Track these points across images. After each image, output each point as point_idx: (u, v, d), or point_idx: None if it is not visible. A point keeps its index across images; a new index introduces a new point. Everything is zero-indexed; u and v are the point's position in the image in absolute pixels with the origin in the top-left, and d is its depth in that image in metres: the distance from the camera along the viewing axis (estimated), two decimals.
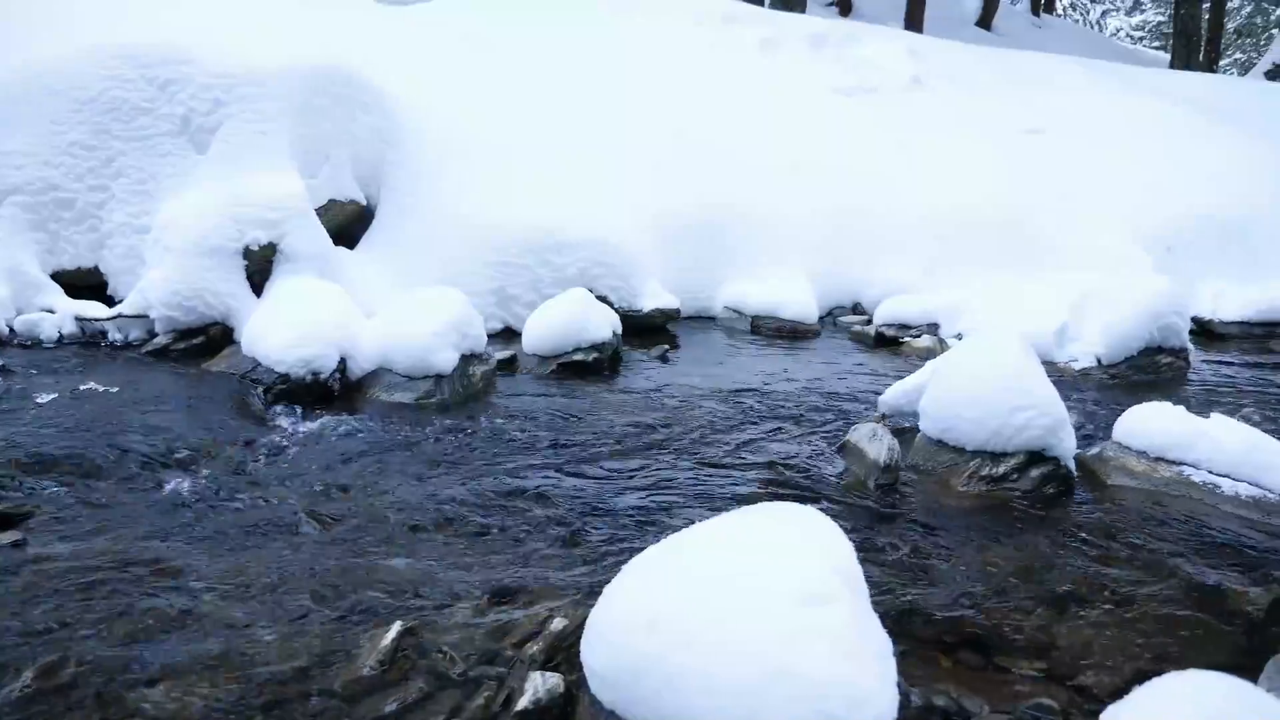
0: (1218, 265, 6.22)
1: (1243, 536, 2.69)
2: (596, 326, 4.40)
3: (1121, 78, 9.88)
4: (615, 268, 5.11)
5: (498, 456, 3.12)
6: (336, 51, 5.46)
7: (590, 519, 2.62)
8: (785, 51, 7.70)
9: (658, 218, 5.71)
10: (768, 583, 1.53)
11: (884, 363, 4.70)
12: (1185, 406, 3.39)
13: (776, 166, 6.27)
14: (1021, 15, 27.13)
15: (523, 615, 2.07)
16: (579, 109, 6.41)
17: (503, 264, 5.01)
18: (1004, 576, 2.40)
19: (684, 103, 6.68)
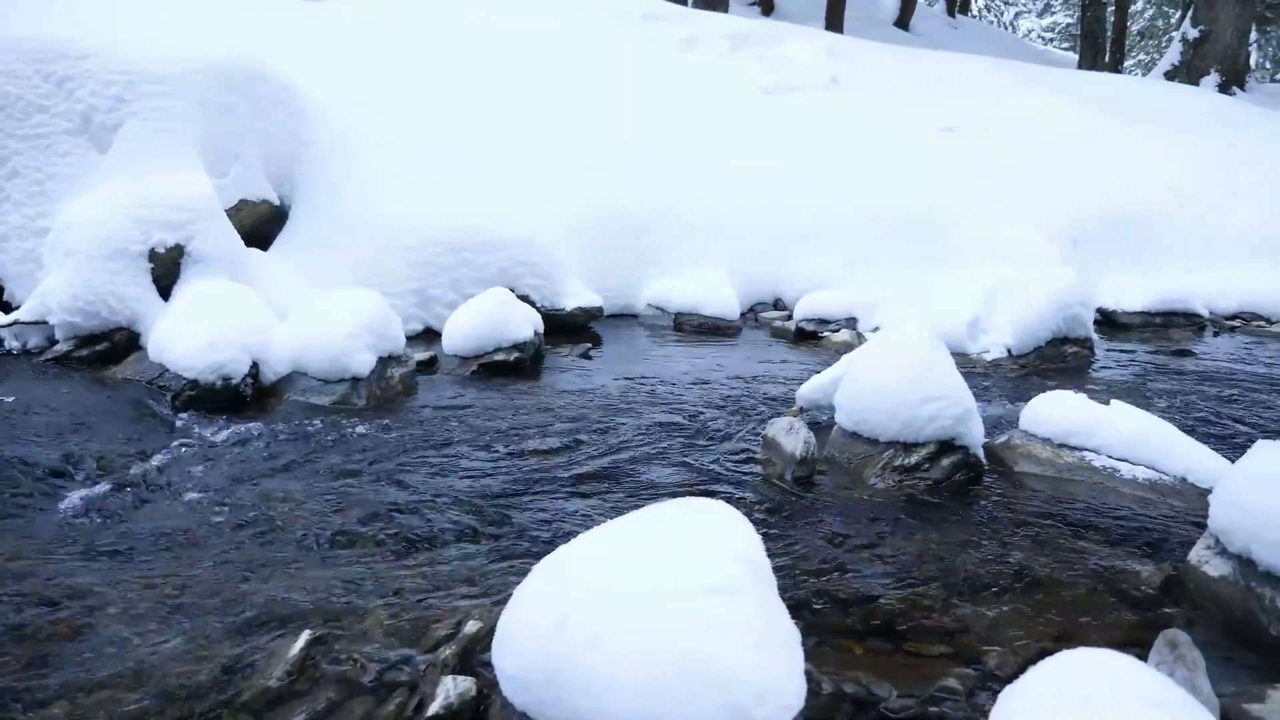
0: (1121, 257, 6.46)
1: (1139, 518, 2.81)
2: (518, 326, 4.38)
3: (1032, 77, 10.19)
4: (537, 267, 5.09)
5: (414, 459, 3.08)
6: (246, 47, 5.32)
7: (508, 520, 2.61)
8: (706, 50, 7.76)
9: (580, 216, 5.70)
10: (675, 577, 1.54)
11: (804, 357, 4.77)
12: (1089, 394, 3.52)
13: (698, 165, 6.31)
14: (938, 16, 27.83)
15: (436, 619, 2.05)
16: (498, 106, 6.36)
17: (422, 264, 4.95)
18: (914, 563, 2.46)
19: (605, 101, 6.68)
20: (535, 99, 6.60)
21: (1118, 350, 5.29)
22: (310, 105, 5.54)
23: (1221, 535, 2.30)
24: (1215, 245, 6.98)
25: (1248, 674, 1.98)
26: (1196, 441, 3.09)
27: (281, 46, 5.87)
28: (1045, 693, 1.40)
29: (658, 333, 5.29)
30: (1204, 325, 5.99)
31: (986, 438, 3.42)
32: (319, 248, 5.01)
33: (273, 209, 5.13)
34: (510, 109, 6.41)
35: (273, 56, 5.45)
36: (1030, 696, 1.41)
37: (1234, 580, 2.25)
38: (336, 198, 5.23)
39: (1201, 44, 14.64)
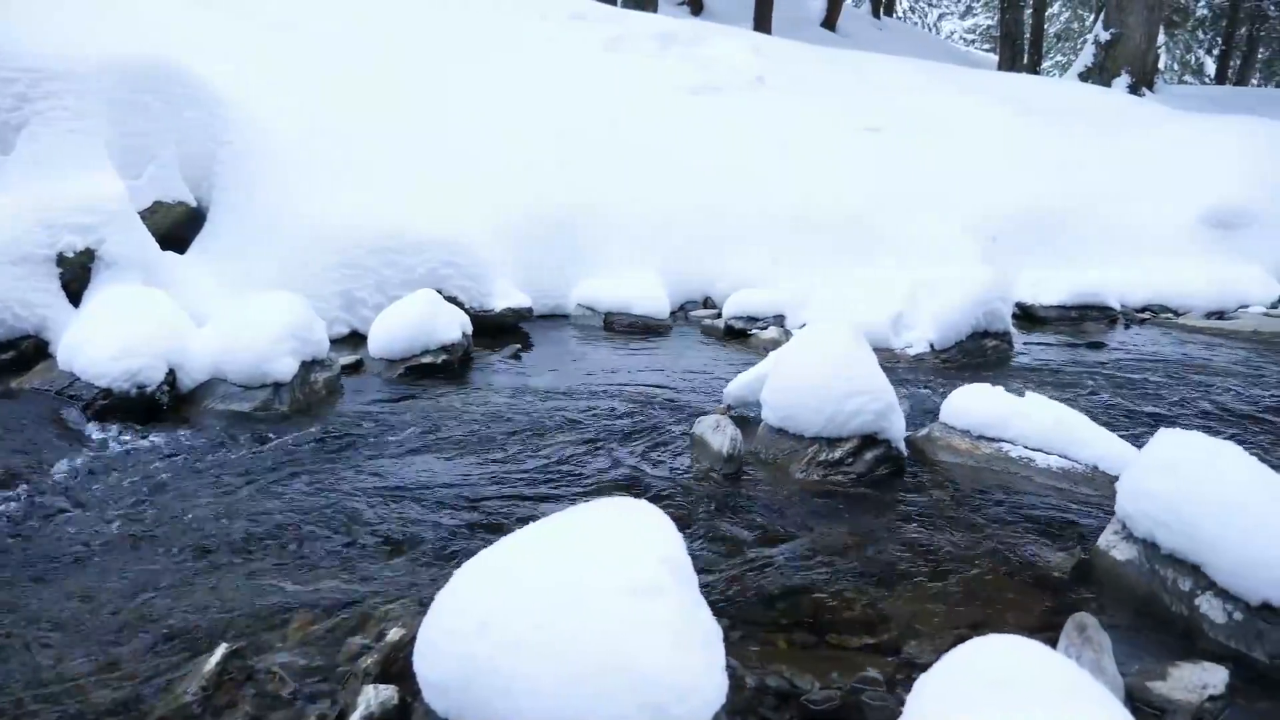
0: (1038, 254, 6.66)
1: (1053, 506, 2.90)
2: (445, 327, 4.33)
3: (953, 78, 10.44)
4: (465, 267, 5.04)
5: (338, 465, 3.03)
6: (160, 44, 5.16)
7: (433, 524, 2.58)
8: (633, 50, 7.77)
9: (509, 216, 5.66)
10: (595, 578, 1.54)
11: (733, 355, 4.81)
12: (1008, 386, 3.62)
13: (626, 164, 6.32)
14: (864, 17, 28.36)
15: (358, 628, 2.02)
16: (424, 105, 6.29)
17: (347, 265, 4.86)
18: (838, 556, 2.50)
19: (532, 101, 6.65)
20: (462, 98, 6.53)
21: (1035, 343, 5.45)
22: (229, 104, 5.40)
23: (1128, 521, 2.39)
24: (1126, 241, 7.23)
25: (1152, 653, 2.06)
26: (1107, 431, 3.20)
27: (199, 43, 5.71)
28: (957, 679, 1.44)
29: (588, 333, 5.28)
30: (1116, 318, 6.21)
31: (909, 431, 3.50)
32: (239, 250, 4.88)
33: (189, 211, 4.99)
34: (436, 108, 6.34)
35: (189, 54, 5.30)
36: (943, 683, 1.45)
37: (1139, 564, 2.34)
38: (257, 199, 5.10)
39: (1113, 46, 15.16)
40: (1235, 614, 2.08)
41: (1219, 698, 1.83)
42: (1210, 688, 1.83)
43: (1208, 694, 1.82)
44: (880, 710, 1.79)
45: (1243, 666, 2.01)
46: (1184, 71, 38.41)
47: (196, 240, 4.98)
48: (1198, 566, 2.18)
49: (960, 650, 1.50)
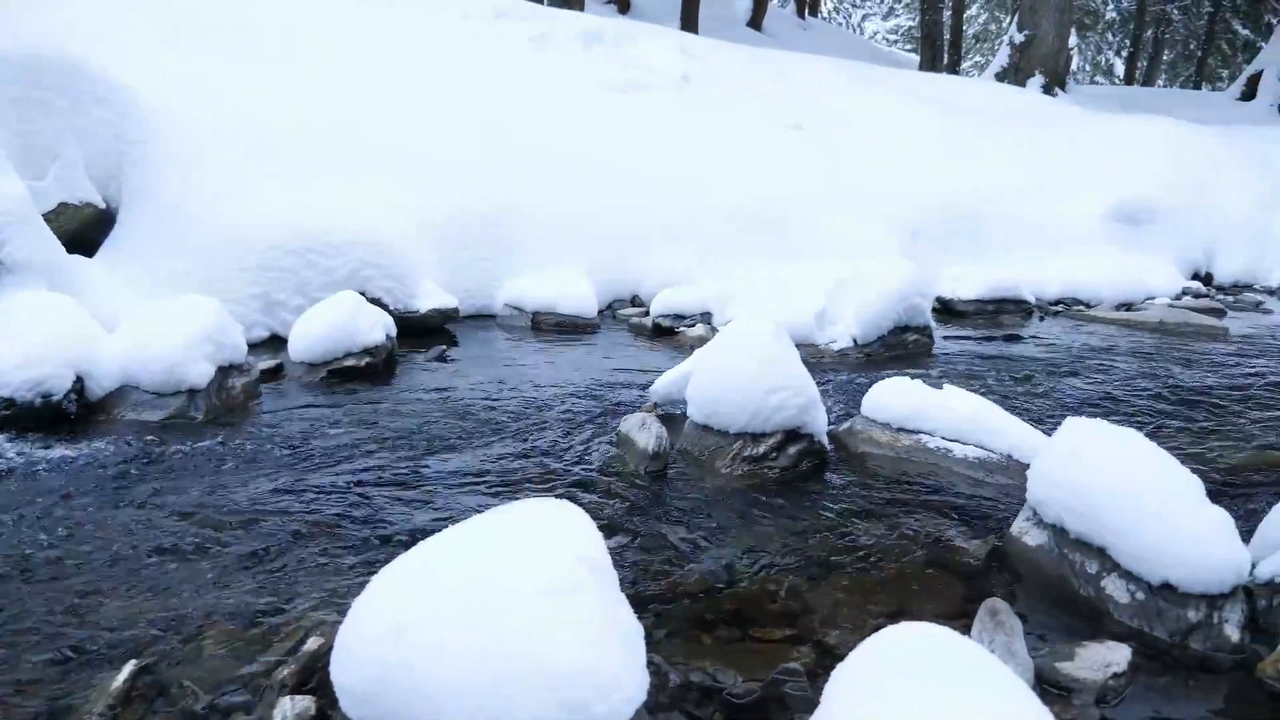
0: (957, 249, 6.83)
1: (969, 494, 2.98)
2: (368, 330, 4.26)
3: (874, 78, 10.65)
4: (388, 268, 4.96)
5: (255, 472, 2.95)
6: (60, 39, 4.96)
7: (355, 531, 2.53)
8: (558, 49, 7.74)
9: (433, 216, 5.59)
10: (513, 579, 1.53)
11: (660, 353, 4.83)
12: (928, 379, 3.70)
13: (553, 163, 6.29)
14: (789, 17, 28.72)
15: (276, 638, 1.98)
16: (345, 104, 6.17)
17: (265, 267, 4.74)
18: (762, 550, 2.53)
19: (457, 99, 6.57)
20: (384, 97, 6.43)
21: (955, 336, 5.59)
22: (139, 102, 5.22)
23: (1038, 507, 2.47)
24: (1041, 236, 7.47)
25: (1061, 634, 2.13)
26: (1020, 420, 3.30)
27: (107, 40, 5.51)
28: (870, 668, 1.46)
29: (515, 333, 5.24)
30: (1031, 311, 6.41)
31: (832, 424, 3.56)
32: (151, 253, 4.73)
33: (98, 212, 4.81)
34: (358, 107, 6.22)
35: (95, 50, 5.11)
36: (856, 672, 1.48)
37: (1049, 548, 2.42)
38: (170, 199, 4.94)
39: (1027, 48, 15.63)
40: (1138, 594, 2.17)
41: (1122, 675, 1.90)
42: (1114, 666, 1.90)
43: (1111, 672, 1.89)
44: (801, 700, 1.81)
45: (1145, 644, 2.09)
46: (1095, 72, 39.83)
47: (106, 243, 4.81)
48: (1103, 549, 2.26)
49: (873, 639, 1.53)
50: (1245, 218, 8.77)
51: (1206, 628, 2.08)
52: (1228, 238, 8.51)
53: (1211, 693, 1.95)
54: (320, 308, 4.30)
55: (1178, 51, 36.59)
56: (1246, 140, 10.55)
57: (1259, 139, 10.93)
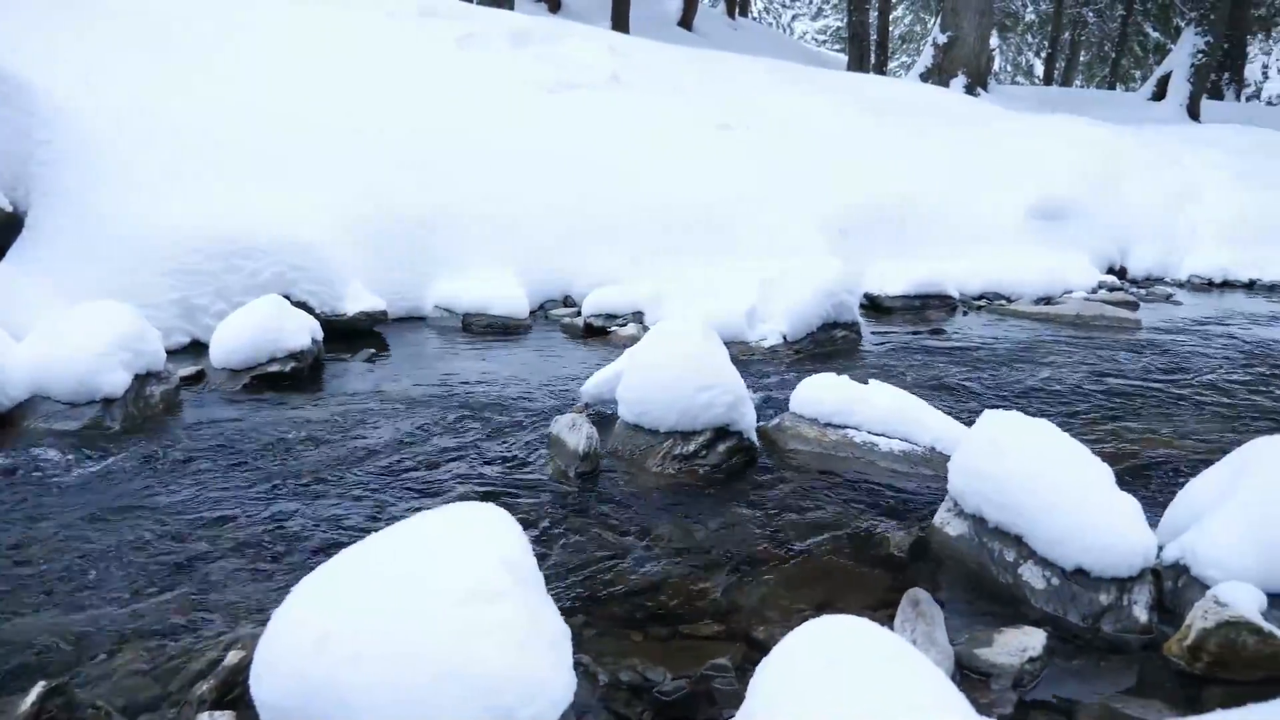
0: (884, 246, 6.97)
1: (894, 487, 3.04)
2: (293, 334, 4.17)
3: (802, 77, 10.79)
4: (313, 271, 4.86)
5: (174, 483, 2.87)
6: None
7: (278, 540, 2.48)
8: (486, 48, 7.67)
9: (360, 217, 5.50)
10: (436, 586, 1.52)
11: (592, 353, 4.83)
12: (856, 374, 3.76)
13: (482, 163, 6.24)
14: (719, 17, 28.95)
15: (194, 653, 1.93)
16: (267, 103, 6.03)
17: (185, 271, 4.61)
18: (692, 547, 2.55)
19: (382, 99, 6.48)
20: (307, 96, 6.30)
21: (882, 332, 5.70)
22: (47, 101, 5.03)
23: (958, 498, 2.54)
24: (965, 232, 7.66)
25: (982, 621, 2.19)
26: (943, 413, 3.38)
27: (9, 34, 5.30)
28: (793, 662, 1.49)
29: (446, 334, 5.19)
30: (956, 306, 6.57)
31: (761, 421, 3.61)
32: (63, 258, 4.56)
33: (4, 215, 4.63)
34: (280, 106, 6.08)
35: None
36: (780, 667, 1.50)
37: (970, 538, 2.48)
38: (83, 202, 4.78)
39: (950, 49, 16.01)
40: (1053, 580, 2.24)
41: (1037, 659, 1.96)
42: (1029, 650, 1.96)
43: (1027, 656, 1.95)
44: (729, 695, 1.83)
45: (1059, 628, 2.16)
46: (1016, 72, 40.99)
47: (14, 248, 4.62)
48: (1020, 538, 2.33)
49: (795, 633, 1.55)
50: (1156, 214, 9.11)
51: (1117, 610, 2.15)
52: (1140, 233, 8.83)
53: (1122, 673, 2.03)
54: (242, 312, 4.20)
55: (1093, 53, 37.87)
56: (1157, 139, 10.97)
57: (1169, 138, 11.37)
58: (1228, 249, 8.74)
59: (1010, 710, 1.84)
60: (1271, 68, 44.10)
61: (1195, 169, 9.96)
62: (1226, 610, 1.96)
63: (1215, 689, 1.94)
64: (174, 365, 3.97)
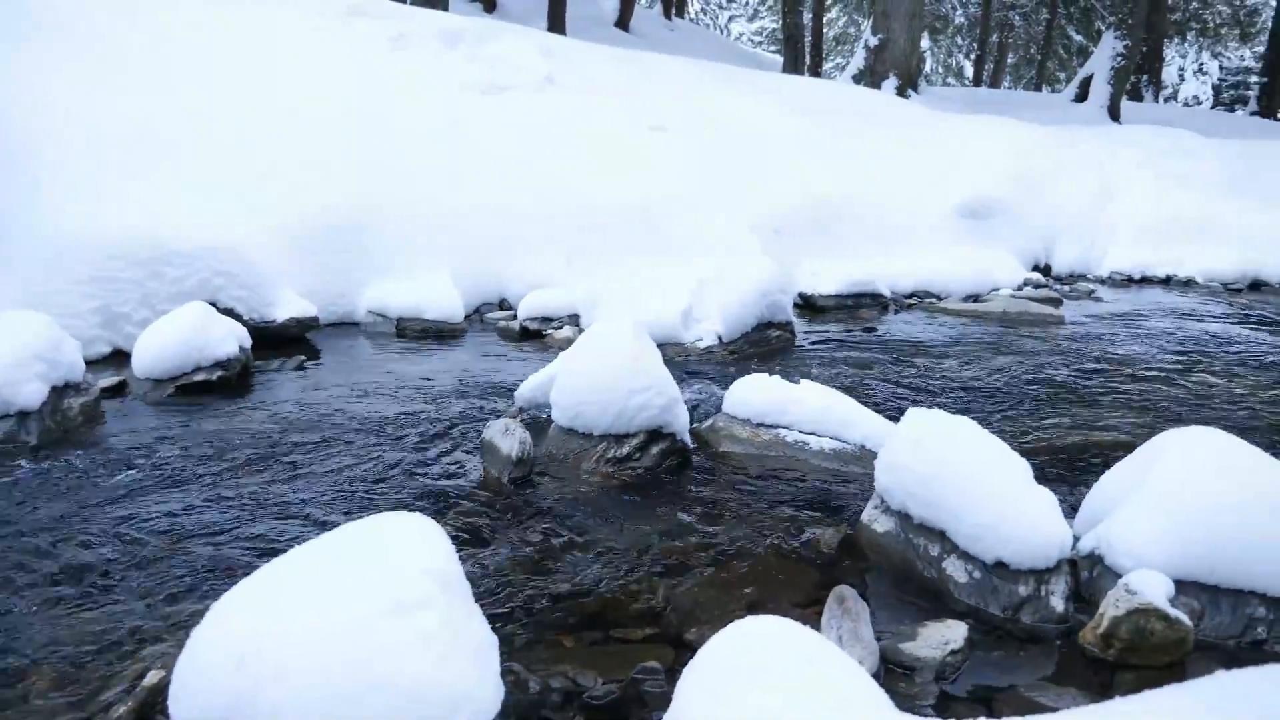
0: (818, 245, 7.06)
1: (826, 485, 3.09)
2: (219, 341, 4.08)
3: (736, 79, 10.87)
4: (240, 276, 4.76)
5: (94, 496, 2.79)
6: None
7: (201, 556, 2.43)
8: (418, 48, 7.59)
9: (289, 221, 5.39)
10: (358, 599, 1.51)
11: (528, 356, 4.81)
12: (791, 373, 3.82)
13: (415, 165, 6.17)
14: (656, 18, 29.03)
15: (111, 674, 1.88)
16: (190, 104, 5.88)
17: (105, 279, 4.47)
18: (625, 551, 2.56)
19: (310, 100, 6.36)
20: (233, 97, 6.16)
21: (816, 331, 5.78)
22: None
23: (884, 495, 2.59)
24: (896, 231, 7.80)
25: (908, 616, 2.23)
26: (872, 411, 3.44)
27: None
28: (717, 663, 1.51)
29: (379, 340, 5.12)
30: (887, 304, 6.69)
31: (696, 422, 3.64)
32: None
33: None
34: (206, 107, 5.94)
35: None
36: (705, 668, 1.52)
37: (896, 534, 2.53)
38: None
39: (881, 51, 16.29)
40: (974, 573, 2.30)
41: (959, 651, 2.02)
42: (951, 643, 2.02)
43: (950, 649, 2.00)
44: (659, 698, 1.85)
45: (981, 620, 2.22)
46: (947, 74, 41.90)
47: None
48: (943, 533, 2.38)
49: (720, 635, 1.57)
50: (1079, 212, 9.39)
51: (1035, 601, 2.22)
52: (1064, 231, 9.10)
53: (1040, 662, 2.09)
54: (166, 320, 4.09)
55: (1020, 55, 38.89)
56: (1080, 140, 11.29)
57: (1091, 139, 11.71)
58: (1146, 247, 9.05)
59: (932, 702, 1.89)
60: (1187, 70, 45.82)
61: (1116, 169, 10.29)
62: (1136, 598, 2.04)
63: (1127, 674, 2.02)
64: (95, 376, 3.86)
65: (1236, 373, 4.93)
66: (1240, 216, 9.48)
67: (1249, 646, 2.12)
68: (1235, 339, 5.91)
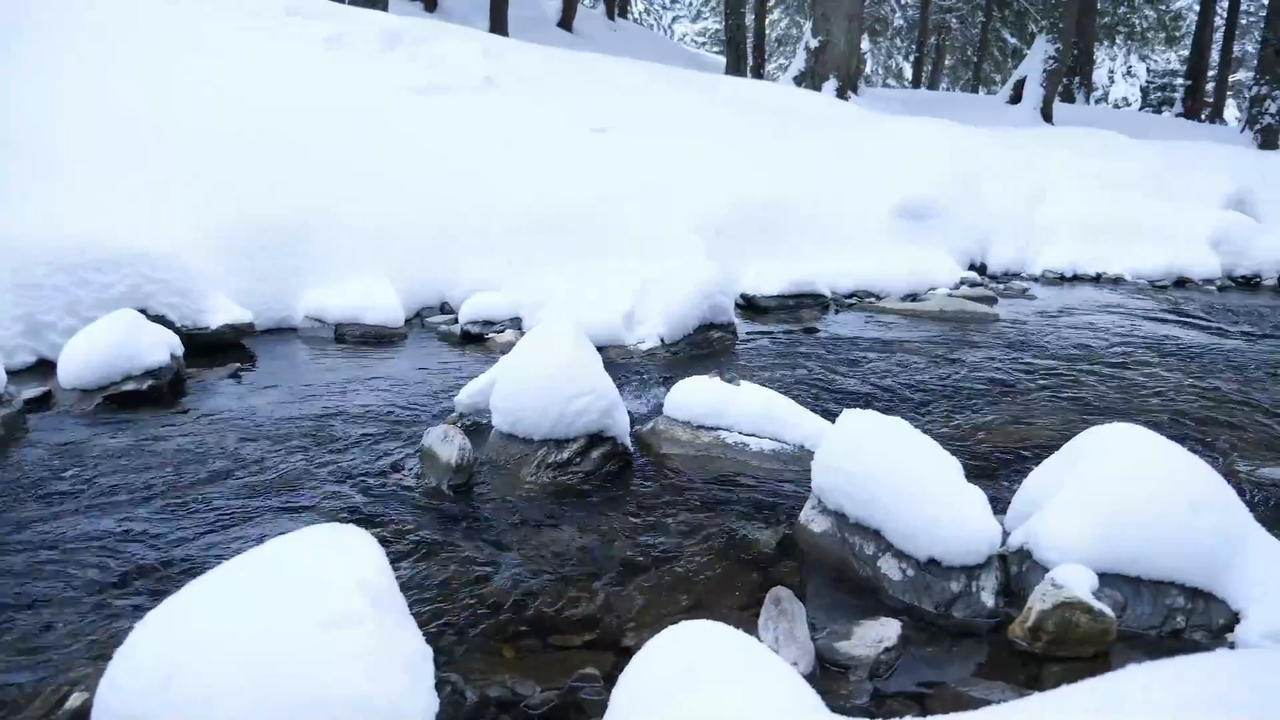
0: (759, 246, 7.12)
1: (765, 486, 3.12)
2: (150, 350, 3.98)
3: (679, 80, 10.93)
4: (172, 283, 4.64)
5: (14, 512, 2.70)
6: None
7: (128, 573, 2.36)
8: (356, 48, 7.48)
9: (223, 224, 5.28)
10: (287, 614, 1.48)
11: (470, 360, 4.77)
12: (734, 374, 3.83)
13: (354, 167, 6.08)
14: (599, 18, 29.05)
15: (32, 699, 1.82)
16: (118, 105, 5.73)
17: (27, 286, 4.33)
18: (566, 557, 2.56)
19: (246, 101, 6.23)
20: (164, 98, 6.01)
21: (758, 331, 5.83)
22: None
23: (821, 495, 2.63)
24: (837, 232, 7.89)
25: (843, 614, 2.27)
26: (811, 411, 3.49)
27: None
28: (651, 669, 1.51)
29: (318, 346, 5.03)
30: (828, 304, 6.77)
31: (638, 425, 3.64)
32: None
33: None
34: (134, 108, 5.78)
35: None
36: (639, 674, 1.53)
37: (833, 533, 2.57)
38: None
39: (821, 53, 16.49)
40: (908, 571, 2.34)
41: (893, 648, 2.05)
42: (885, 641, 2.05)
43: (883, 647, 2.04)
44: (596, 705, 1.85)
45: (915, 617, 2.26)
46: (887, 75, 42.59)
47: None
48: (878, 532, 2.43)
49: (654, 641, 1.58)
50: (1013, 211, 9.61)
51: (967, 597, 2.27)
52: (999, 230, 9.30)
53: (970, 656, 2.14)
54: (94, 328, 3.98)
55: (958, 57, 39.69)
56: (1014, 141, 11.57)
57: (1025, 139, 12.01)
58: (1077, 245, 9.30)
59: (866, 700, 1.92)
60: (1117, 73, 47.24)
61: (1048, 170, 10.55)
62: (1062, 592, 2.10)
63: (1053, 667, 2.07)
64: (17, 387, 3.73)
65: (1162, 367, 5.09)
66: (1164, 216, 9.80)
67: (1169, 635, 2.20)
68: (1161, 335, 6.11)
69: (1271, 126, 16.71)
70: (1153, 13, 32.15)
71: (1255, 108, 17.02)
